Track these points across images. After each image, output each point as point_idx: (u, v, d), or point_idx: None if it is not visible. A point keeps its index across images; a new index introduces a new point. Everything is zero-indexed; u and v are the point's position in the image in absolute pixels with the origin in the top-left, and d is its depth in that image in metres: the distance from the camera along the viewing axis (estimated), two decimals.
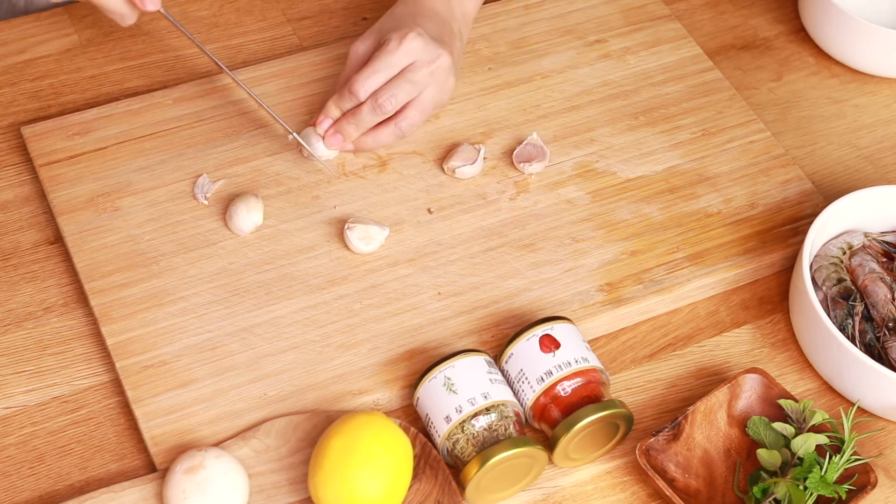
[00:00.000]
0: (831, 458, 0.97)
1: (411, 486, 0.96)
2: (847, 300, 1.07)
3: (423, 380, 0.98)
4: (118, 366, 1.02)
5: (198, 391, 1.01)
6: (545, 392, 0.98)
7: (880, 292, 1.07)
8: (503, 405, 0.97)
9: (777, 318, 1.12)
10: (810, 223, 1.11)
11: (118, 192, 1.13)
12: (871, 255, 1.11)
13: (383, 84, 1.13)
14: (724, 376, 1.07)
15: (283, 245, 1.11)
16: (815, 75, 1.31)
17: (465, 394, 0.97)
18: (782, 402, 1.01)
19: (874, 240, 1.12)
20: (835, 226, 1.11)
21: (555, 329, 1.00)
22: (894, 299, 1.07)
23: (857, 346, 1.04)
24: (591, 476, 1.01)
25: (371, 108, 1.13)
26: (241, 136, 1.18)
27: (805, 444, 0.98)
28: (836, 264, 1.09)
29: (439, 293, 1.08)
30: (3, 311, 1.07)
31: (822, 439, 0.98)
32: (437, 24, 1.17)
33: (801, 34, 1.34)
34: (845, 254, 1.11)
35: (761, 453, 0.99)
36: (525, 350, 1.00)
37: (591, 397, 0.98)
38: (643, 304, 1.09)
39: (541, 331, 1.00)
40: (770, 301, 1.13)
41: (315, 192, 1.14)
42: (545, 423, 0.99)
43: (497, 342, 1.05)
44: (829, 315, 1.06)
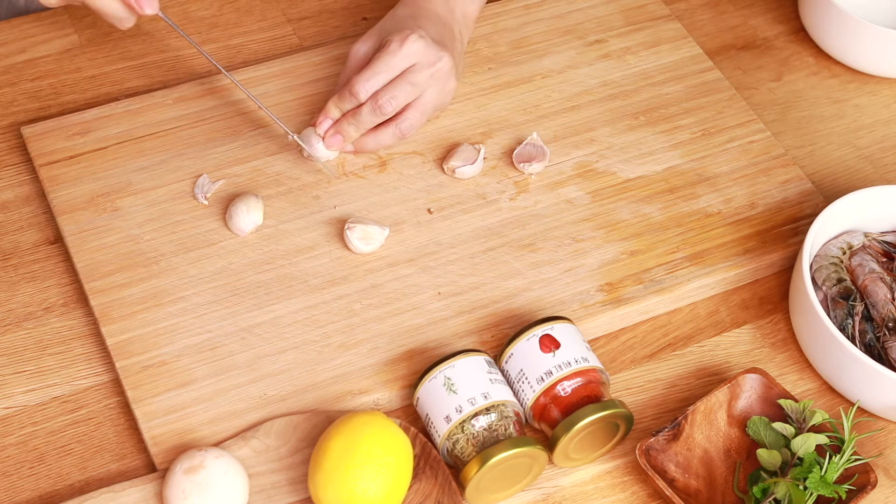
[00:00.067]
0: (831, 458, 0.97)
1: (411, 486, 0.96)
2: (847, 300, 1.07)
3: (423, 380, 0.98)
4: (118, 366, 1.02)
5: (198, 391, 1.01)
6: (545, 392, 0.98)
7: (880, 292, 1.07)
8: (503, 405, 0.97)
9: (777, 318, 1.12)
10: (810, 223, 1.11)
11: (118, 192, 1.13)
12: (871, 255, 1.11)
13: (384, 85, 1.13)
14: (724, 376, 1.07)
15: (283, 245, 1.11)
16: (815, 75, 1.31)
17: (465, 394, 0.97)
18: (782, 402, 1.01)
19: (874, 240, 1.12)
20: (835, 226, 1.11)
21: (555, 329, 1.00)
22: (894, 299, 1.07)
23: (857, 346, 1.04)
24: (591, 476, 1.01)
25: (371, 110, 1.13)
26: (241, 136, 1.18)
27: (805, 444, 0.98)
28: (836, 264, 1.09)
29: (439, 293, 1.08)
30: (3, 311, 1.07)
31: (822, 439, 0.98)
32: (438, 25, 1.17)
33: (801, 34, 1.34)
34: (845, 254, 1.11)
35: (761, 453, 0.99)
36: (525, 350, 1.00)
37: (591, 397, 0.98)
38: (643, 304, 1.09)
39: (541, 331, 1.00)
40: (770, 301, 1.13)
41: (315, 192, 1.14)
42: (545, 423, 0.99)
43: (497, 342, 1.05)
44: (829, 315, 1.06)
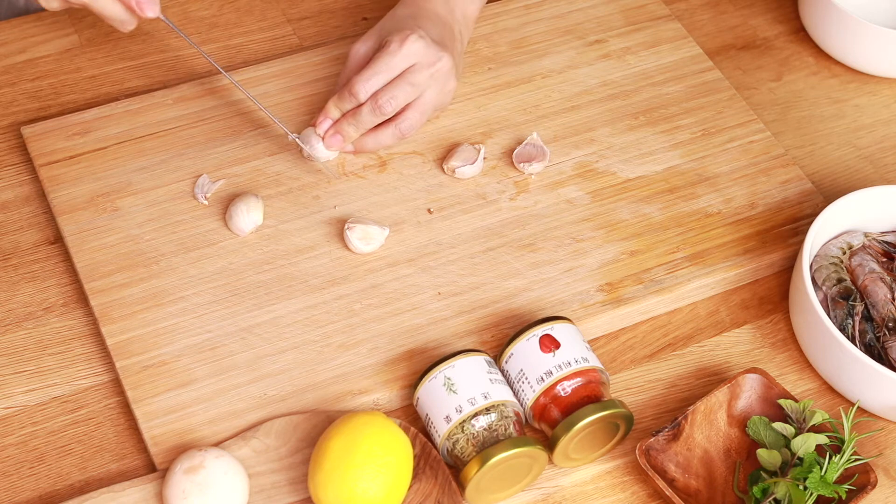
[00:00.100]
0: (831, 458, 0.97)
1: (411, 486, 0.96)
2: (847, 300, 1.07)
3: (423, 380, 0.98)
4: (118, 366, 1.02)
5: (198, 391, 1.01)
6: (545, 392, 0.98)
7: (880, 292, 1.07)
8: (503, 405, 0.97)
9: (777, 318, 1.12)
10: (810, 223, 1.11)
11: (118, 192, 1.13)
12: (871, 255, 1.11)
13: (383, 85, 1.13)
14: (724, 376, 1.07)
15: (283, 245, 1.11)
16: (815, 75, 1.31)
17: (465, 394, 0.96)
18: (782, 402, 1.01)
19: (874, 240, 1.12)
20: (835, 226, 1.11)
21: (555, 329, 1.00)
22: (894, 299, 1.07)
23: (857, 346, 1.04)
24: (591, 476, 1.01)
25: (371, 110, 1.13)
26: (241, 136, 1.18)
27: (805, 444, 0.98)
28: (836, 264, 1.09)
29: (439, 293, 1.08)
30: (3, 311, 1.07)
31: (822, 439, 0.98)
32: (438, 26, 1.17)
33: (801, 34, 1.34)
34: (845, 254, 1.11)
35: (761, 453, 0.99)
36: (525, 350, 1.00)
37: (591, 397, 0.98)
38: (643, 304, 1.09)
39: (541, 331, 1.00)
40: (770, 301, 1.13)
41: (315, 192, 1.14)
42: (545, 423, 0.99)
43: (497, 342, 1.05)
44: (829, 315, 1.06)
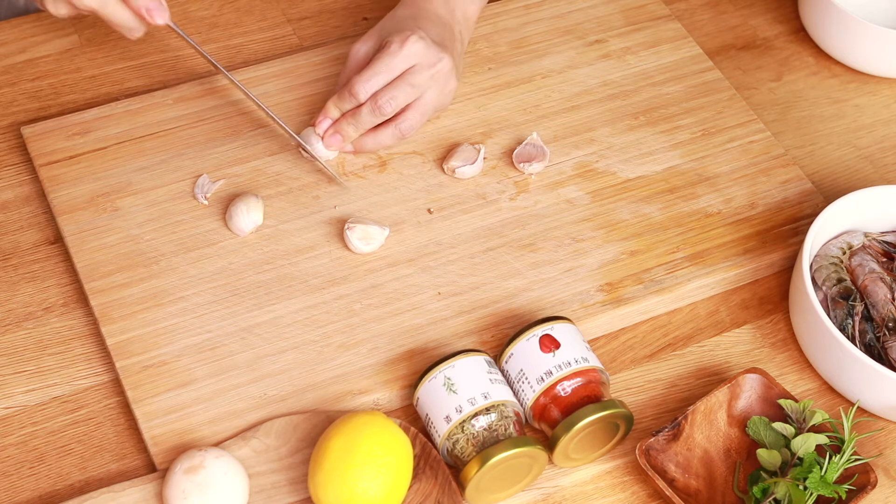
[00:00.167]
0: (831, 458, 0.97)
1: (411, 486, 0.96)
2: (847, 300, 1.07)
3: (423, 380, 0.98)
4: (118, 366, 1.02)
5: (198, 391, 1.01)
6: (545, 392, 0.98)
7: (880, 292, 1.07)
8: (503, 405, 0.97)
9: (777, 318, 1.12)
10: (810, 223, 1.11)
11: (118, 192, 1.13)
12: (871, 255, 1.11)
13: (383, 86, 1.13)
14: (724, 376, 1.07)
15: (283, 245, 1.11)
16: (815, 75, 1.31)
17: (465, 394, 0.96)
18: (782, 402, 1.01)
19: (874, 240, 1.12)
20: (835, 226, 1.11)
21: (555, 329, 1.00)
22: (894, 299, 1.07)
23: (857, 346, 1.04)
24: (591, 476, 1.01)
25: (370, 110, 1.13)
26: (241, 136, 1.18)
27: (805, 444, 0.98)
28: (836, 264, 1.09)
29: (439, 293, 1.08)
30: (3, 311, 1.07)
31: (822, 439, 0.98)
32: (438, 26, 1.17)
33: (801, 34, 1.34)
34: (845, 254, 1.11)
35: (761, 453, 0.99)
36: (525, 350, 1.00)
37: (591, 397, 0.98)
38: (643, 304, 1.09)
39: (541, 331, 1.00)
40: (770, 301, 1.13)
41: (315, 192, 1.14)
42: (545, 423, 0.99)
43: (497, 342, 1.05)
44: (829, 315, 1.06)
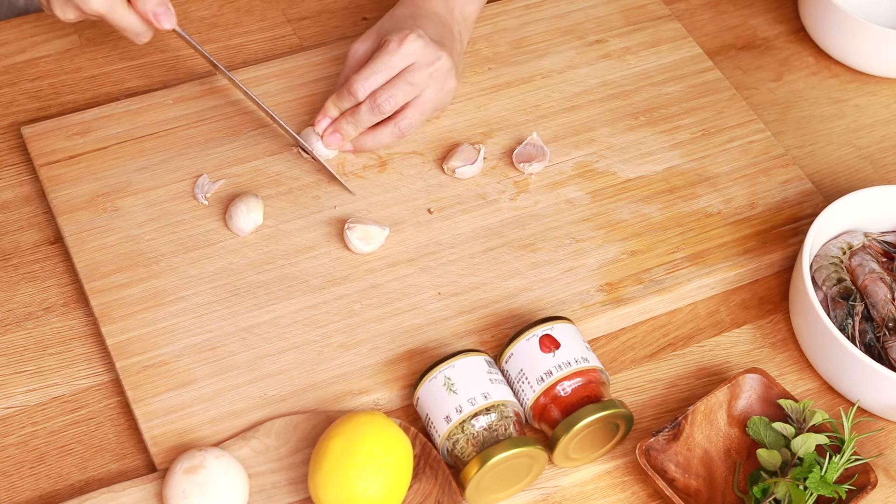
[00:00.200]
0: (831, 458, 0.97)
1: (411, 486, 0.96)
2: (847, 300, 1.07)
3: (423, 380, 0.98)
4: (118, 366, 1.02)
5: (198, 391, 1.01)
6: (545, 392, 0.98)
7: (880, 292, 1.07)
8: (503, 405, 0.97)
9: (777, 318, 1.12)
10: (810, 223, 1.11)
11: (118, 192, 1.13)
12: (871, 255, 1.11)
13: (382, 84, 1.13)
14: (724, 376, 1.07)
15: (283, 245, 1.11)
16: (815, 75, 1.31)
17: (465, 394, 0.96)
18: (782, 402, 1.01)
19: (874, 240, 1.12)
20: (835, 226, 1.11)
21: (555, 329, 1.00)
22: (894, 299, 1.07)
23: (857, 346, 1.04)
24: (591, 476, 1.01)
25: (369, 108, 1.13)
26: (241, 136, 1.18)
27: (805, 444, 0.98)
28: (836, 264, 1.09)
29: (439, 293, 1.08)
30: (3, 311, 1.07)
31: (822, 439, 0.98)
32: (437, 25, 1.17)
33: (801, 34, 1.34)
34: (845, 254, 1.11)
35: (761, 453, 0.99)
36: (525, 350, 1.00)
37: (591, 397, 0.98)
38: (643, 304, 1.09)
39: (541, 331, 1.00)
40: (770, 301, 1.13)
41: (315, 192, 1.14)
42: (545, 423, 0.99)
43: (497, 342, 1.05)
44: (829, 315, 1.06)
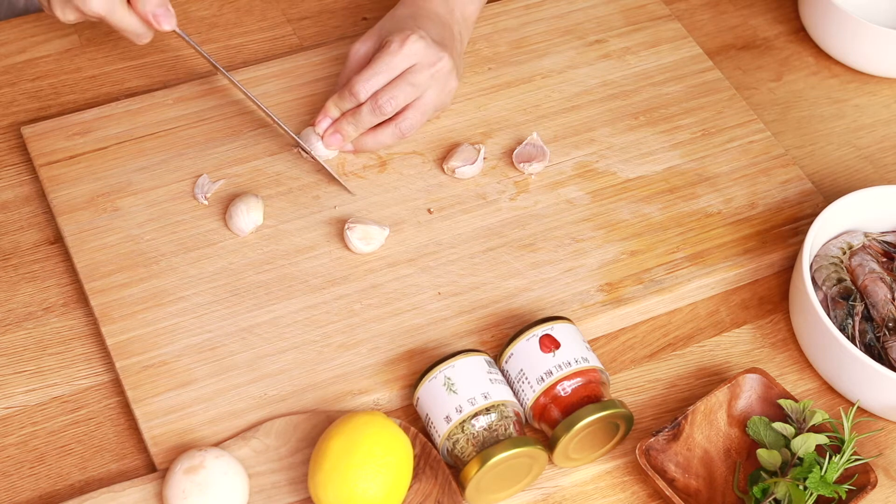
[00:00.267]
0: (831, 458, 0.97)
1: (411, 486, 0.96)
2: (847, 300, 1.07)
3: (423, 380, 0.98)
4: (118, 366, 1.02)
5: (198, 391, 1.01)
6: (545, 392, 0.98)
7: (880, 292, 1.07)
8: (503, 405, 0.97)
9: (777, 318, 1.12)
10: (810, 223, 1.11)
11: (118, 192, 1.13)
12: (871, 255, 1.11)
13: (384, 85, 1.13)
14: (724, 376, 1.07)
15: (283, 245, 1.11)
16: (815, 75, 1.31)
17: (465, 394, 0.96)
18: (782, 402, 1.01)
19: (874, 240, 1.12)
20: (835, 226, 1.11)
21: (555, 329, 1.00)
22: (894, 299, 1.07)
23: (857, 346, 1.04)
24: (591, 476, 1.01)
25: (371, 109, 1.13)
26: (241, 136, 1.18)
27: (805, 444, 0.98)
28: (836, 264, 1.09)
29: (439, 293, 1.08)
30: (3, 311, 1.07)
31: (822, 439, 0.98)
32: (438, 26, 1.17)
33: (801, 34, 1.34)
34: (845, 254, 1.11)
35: (761, 453, 0.99)
36: (525, 350, 1.00)
37: (591, 397, 0.98)
38: (643, 304, 1.09)
39: (541, 331, 1.00)
40: (770, 301, 1.13)
41: (315, 192, 1.14)
42: (545, 423, 0.99)
43: (497, 342, 1.05)
44: (829, 315, 1.06)
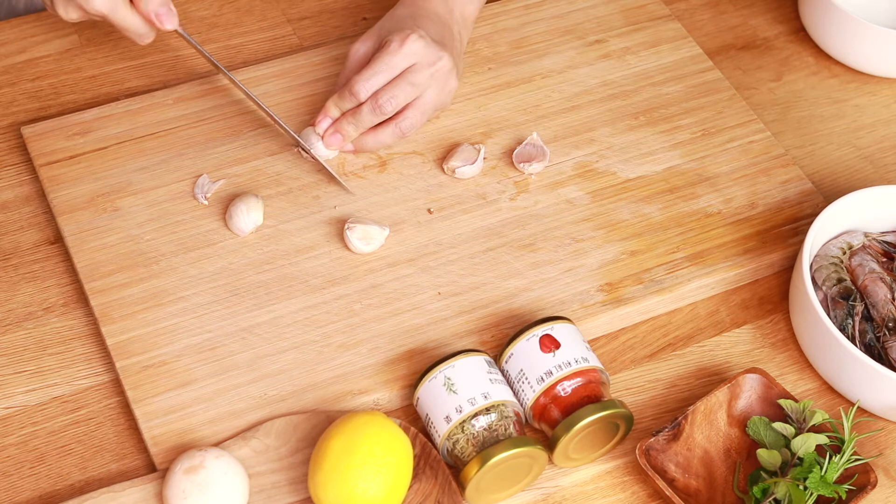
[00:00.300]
0: (831, 458, 0.97)
1: (411, 486, 0.96)
2: (847, 300, 1.07)
3: (423, 380, 0.98)
4: (118, 366, 1.02)
5: (198, 391, 1.01)
6: (545, 392, 0.98)
7: (880, 292, 1.07)
8: (503, 405, 0.97)
9: (777, 318, 1.12)
10: (810, 223, 1.11)
11: (118, 192, 1.13)
12: (871, 255, 1.11)
13: (384, 85, 1.13)
14: (724, 376, 1.07)
15: (283, 245, 1.11)
16: (815, 75, 1.31)
17: (465, 394, 0.96)
18: (782, 402, 1.01)
19: (874, 240, 1.12)
20: (835, 226, 1.11)
21: (555, 329, 1.00)
22: (894, 299, 1.07)
23: (857, 346, 1.04)
24: (591, 476, 1.01)
25: (371, 109, 1.13)
26: (241, 136, 1.18)
27: (805, 444, 0.98)
28: (836, 264, 1.09)
29: (439, 293, 1.08)
30: (3, 311, 1.07)
31: (822, 439, 0.98)
32: (437, 25, 1.17)
33: (801, 34, 1.34)
34: (845, 254, 1.11)
35: (761, 453, 0.99)
36: (525, 350, 1.00)
37: (591, 397, 0.98)
38: (643, 304, 1.09)
39: (541, 331, 1.00)
40: (770, 301, 1.13)
41: (315, 192, 1.14)
42: (545, 423, 0.99)
43: (497, 342, 1.05)
44: (829, 315, 1.06)
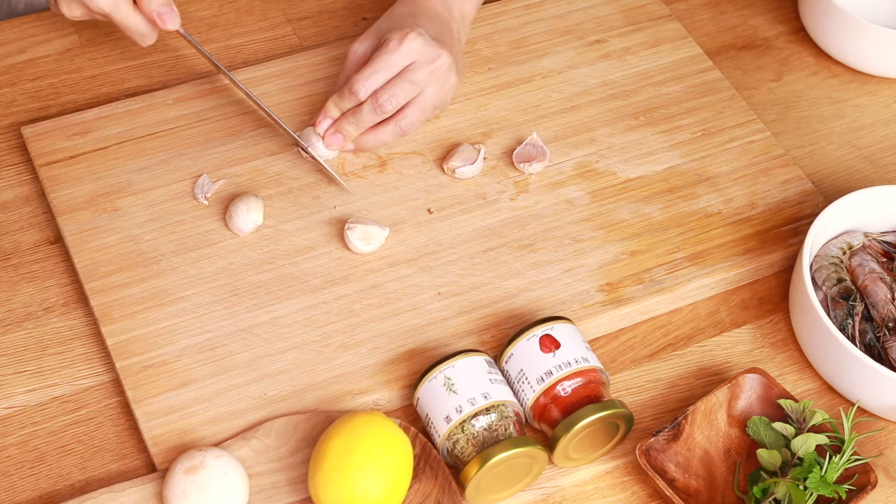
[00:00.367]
0: (831, 458, 0.97)
1: (411, 486, 0.96)
2: (847, 300, 1.07)
3: (423, 380, 0.98)
4: (118, 366, 1.02)
5: (198, 391, 1.01)
6: (545, 392, 0.98)
7: (880, 292, 1.07)
8: (503, 405, 0.97)
9: (777, 318, 1.12)
10: (810, 223, 1.11)
11: (118, 192, 1.13)
12: (871, 255, 1.11)
13: (383, 84, 1.13)
14: (724, 376, 1.07)
15: (283, 245, 1.11)
16: (815, 75, 1.31)
17: (465, 394, 0.96)
18: (782, 402, 1.01)
19: (874, 240, 1.12)
20: (835, 226, 1.11)
21: (555, 329, 1.00)
22: (894, 299, 1.07)
23: (857, 346, 1.04)
24: (591, 476, 1.01)
25: (371, 108, 1.13)
26: (241, 136, 1.18)
27: (805, 444, 0.98)
28: (836, 264, 1.09)
29: (439, 293, 1.08)
30: (3, 311, 1.07)
31: (822, 439, 0.98)
32: (436, 23, 1.17)
33: (801, 34, 1.34)
34: (845, 254, 1.11)
35: (761, 453, 0.99)
36: (525, 350, 1.00)
37: (591, 397, 0.98)
38: (643, 304, 1.09)
39: (541, 331, 1.00)
40: (770, 301, 1.13)
41: (315, 192, 1.14)
42: (545, 423, 0.99)
43: (497, 342, 1.05)
44: (829, 315, 1.06)
